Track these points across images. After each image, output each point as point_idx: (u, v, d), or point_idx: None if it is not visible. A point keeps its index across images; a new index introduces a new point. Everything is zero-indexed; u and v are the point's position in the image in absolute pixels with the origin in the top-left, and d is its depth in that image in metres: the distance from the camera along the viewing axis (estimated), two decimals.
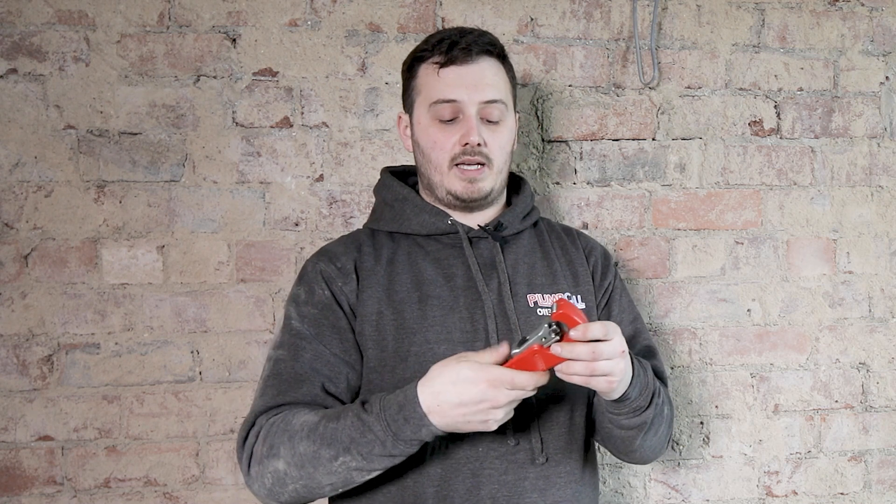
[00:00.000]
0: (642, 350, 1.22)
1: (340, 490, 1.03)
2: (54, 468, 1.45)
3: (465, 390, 0.93)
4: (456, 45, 1.12)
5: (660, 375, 1.20)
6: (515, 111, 1.22)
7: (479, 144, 1.12)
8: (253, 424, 1.06)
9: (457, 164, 1.14)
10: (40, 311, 1.45)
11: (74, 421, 1.45)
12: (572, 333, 0.92)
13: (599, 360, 0.93)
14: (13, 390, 1.44)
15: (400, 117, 1.25)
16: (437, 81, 1.13)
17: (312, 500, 1.05)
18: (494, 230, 1.18)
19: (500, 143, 1.15)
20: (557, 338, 0.93)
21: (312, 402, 1.07)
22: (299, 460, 1.00)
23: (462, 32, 1.15)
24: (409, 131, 1.22)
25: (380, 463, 0.99)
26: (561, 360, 0.93)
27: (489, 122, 1.14)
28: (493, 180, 1.16)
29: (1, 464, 1.44)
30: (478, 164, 1.14)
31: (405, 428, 0.96)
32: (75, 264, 1.45)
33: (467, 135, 1.12)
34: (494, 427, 0.96)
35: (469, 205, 1.17)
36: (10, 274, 1.44)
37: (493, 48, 1.15)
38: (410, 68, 1.19)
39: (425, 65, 1.16)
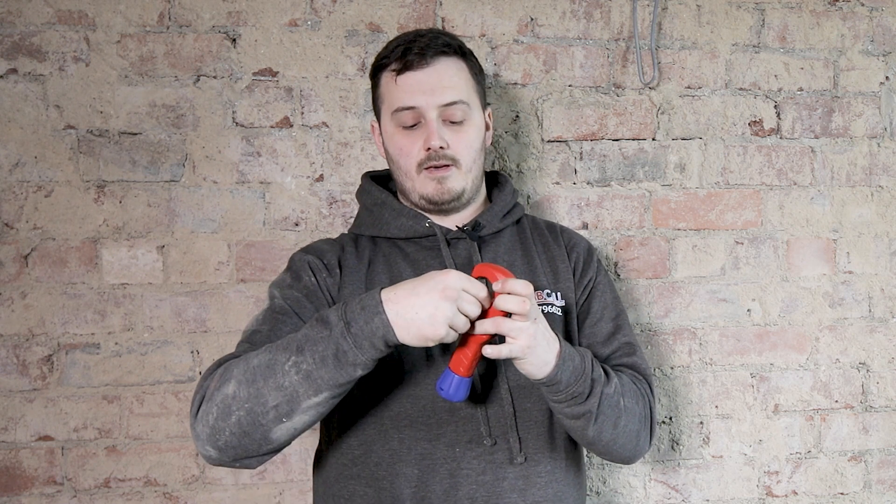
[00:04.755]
0: (622, 346, 1.20)
1: (284, 421, 0.94)
2: (54, 468, 1.45)
3: (421, 282, 0.93)
4: (410, 51, 1.12)
5: (641, 372, 1.19)
6: (485, 107, 1.21)
7: (441, 147, 1.13)
8: (214, 370, 1.01)
9: (425, 168, 1.14)
10: (40, 311, 1.45)
11: (74, 421, 1.45)
12: (495, 286, 0.94)
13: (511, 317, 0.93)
14: (13, 390, 1.44)
15: (373, 125, 1.26)
16: (396, 89, 1.14)
17: (252, 443, 0.96)
18: (472, 230, 1.18)
19: (466, 143, 1.15)
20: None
21: None
22: (251, 374, 0.94)
23: (417, 35, 1.15)
24: (381, 139, 1.23)
25: (327, 370, 0.92)
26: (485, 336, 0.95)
27: (452, 122, 1.14)
28: (462, 180, 1.16)
29: (1, 464, 1.44)
30: (445, 165, 1.14)
31: (360, 316, 0.92)
32: (75, 264, 1.45)
33: (428, 139, 1.12)
34: (442, 331, 0.91)
35: (442, 207, 1.17)
36: (10, 274, 1.44)
37: (448, 48, 1.15)
38: (374, 77, 1.20)
39: (385, 73, 1.16)
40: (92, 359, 1.46)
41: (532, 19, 1.57)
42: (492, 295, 0.95)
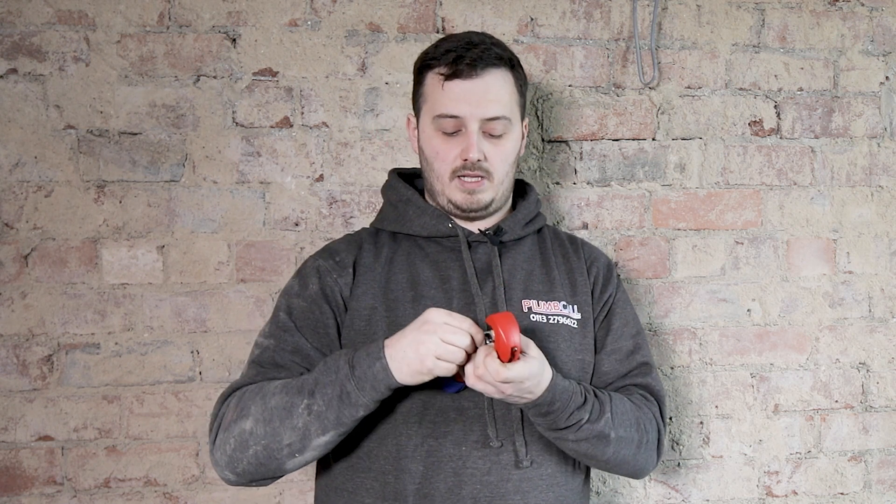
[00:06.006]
0: (639, 366, 1.21)
1: (297, 456, 1.03)
2: (54, 468, 1.45)
3: (410, 325, 1.01)
4: (462, 60, 1.12)
5: (654, 394, 1.20)
6: (524, 117, 1.22)
7: (478, 160, 1.13)
8: (228, 397, 1.10)
9: (458, 176, 1.15)
10: (40, 311, 1.45)
11: (74, 421, 1.45)
12: (481, 349, 0.99)
13: (481, 380, 0.98)
14: (13, 390, 1.44)
15: (409, 118, 1.26)
16: (442, 94, 1.13)
17: (268, 471, 1.06)
18: (494, 235, 1.19)
19: (503, 157, 1.16)
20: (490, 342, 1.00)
21: None
22: (269, 415, 1.02)
23: (470, 44, 1.14)
24: (416, 133, 1.23)
25: (333, 411, 1.00)
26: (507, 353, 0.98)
27: (492, 136, 1.14)
28: (493, 192, 1.17)
29: (1, 464, 1.44)
30: (478, 176, 1.15)
31: (364, 361, 1.00)
32: (75, 264, 1.45)
33: (467, 150, 1.13)
34: (429, 363, 0.97)
35: (469, 214, 1.18)
36: (10, 274, 1.44)
37: (500, 61, 1.14)
38: (419, 73, 1.19)
39: (431, 73, 1.16)
40: (92, 359, 1.46)
41: (532, 19, 1.57)
42: (492, 341, 0.98)
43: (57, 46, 1.45)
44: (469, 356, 0.99)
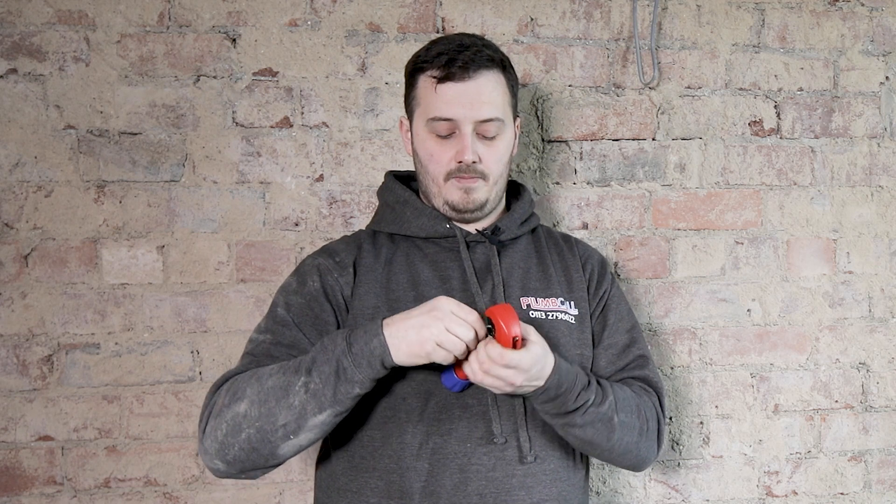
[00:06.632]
0: (636, 358, 1.23)
1: (291, 438, 1.01)
2: (54, 468, 1.45)
3: (417, 308, 1.01)
4: (454, 63, 1.12)
5: (652, 385, 1.21)
6: (516, 117, 1.23)
7: (473, 162, 1.14)
8: (220, 386, 1.08)
9: (453, 178, 1.16)
10: (40, 311, 1.45)
11: (74, 421, 1.45)
12: (486, 341, 1.00)
13: (489, 374, 0.99)
14: (13, 390, 1.44)
15: (402, 121, 1.26)
16: (435, 98, 1.14)
17: (260, 458, 1.02)
18: (492, 234, 1.19)
19: (496, 157, 1.17)
20: (490, 335, 1.01)
21: None
22: (265, 395, 1.01)
23: (461, 47, 1.14)
24: (409, 135, 1.23)
25: (329, 387, 0.99)
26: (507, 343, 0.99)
27: (485, 137, 1.15)
28: (487, 192, 1.18)
29: (1, 464, 1.44)
30: (473, 177, 1.15)
31: (361, 338, 1.00)
32: (75, 264, 1.45)
33: (461, 153, 1.13)
34: (428, 347, 0.98)
35: (464, 216, 1.19)
36: (10, 274, 1.44)
37: (491, 63, 1.14)
38: (411, 75, 1.20)
39: (424, 76, 1.16)
40: (92, 359, 1.46)
41: (532, 19, 1.57)
42: (493, 334, 1.00)
43: (57, 46, 1.45)
44: (470, 352, 1.00)
